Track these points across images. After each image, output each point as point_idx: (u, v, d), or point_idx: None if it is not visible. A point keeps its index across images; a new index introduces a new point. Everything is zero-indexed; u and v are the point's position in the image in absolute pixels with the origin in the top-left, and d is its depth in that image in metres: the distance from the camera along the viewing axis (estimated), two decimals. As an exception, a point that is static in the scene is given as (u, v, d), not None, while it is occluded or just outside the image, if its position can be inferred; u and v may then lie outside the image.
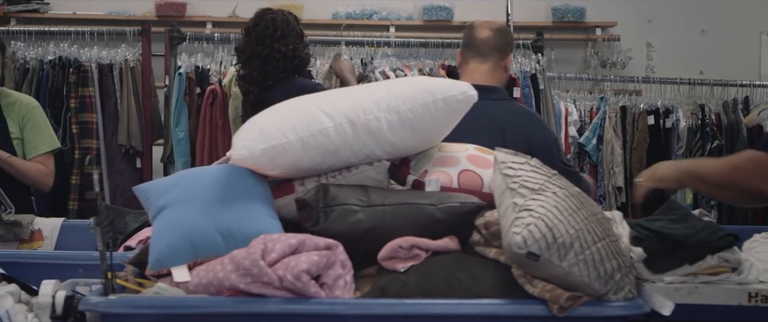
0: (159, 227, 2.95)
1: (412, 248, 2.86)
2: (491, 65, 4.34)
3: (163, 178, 3.23)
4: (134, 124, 6.72)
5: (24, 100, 5.08)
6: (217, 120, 6.62)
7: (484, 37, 4.38)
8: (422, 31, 8.52)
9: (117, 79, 6.78)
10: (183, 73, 6.69)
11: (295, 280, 2.64)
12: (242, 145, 2.97)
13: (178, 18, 8.41)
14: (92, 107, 6.71)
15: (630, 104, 7.68)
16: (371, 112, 3.03)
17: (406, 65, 7.07)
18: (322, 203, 2.94)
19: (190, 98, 6.69)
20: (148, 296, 2.77)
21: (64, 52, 6.84)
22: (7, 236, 4.53)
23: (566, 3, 9.02)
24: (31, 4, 8.61)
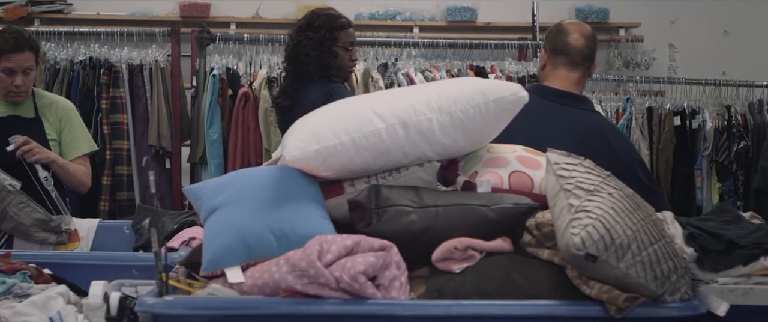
0: (212, 228, 2.94)
1: (467, 249, 2.86)
2: (581, 74, 4.25)
3: (213, 179, 3.21)
4: (164, 125, 6.72)
5: (61, 102, 5.08)
6: (249, 122, 6.63)
7: (579, 45, 4.23)
8: (446, 32, 8.52)
9: (147, 79, 6.77)
10: (217, 75, 6.69)
11: (352, 281, 2.64)
12: (295, 147, 2.97)
13: (202, 18, 8.40)
14: (123, 108, 6.72)
15: (656, 105, 7.65)
16: (423, 113, 3.03)
17: (433, 66, 7.07)
18: (374, 204, 2.94)
19: (222, 100, 6.69)
20: (205, 297, 2.77)
21: (94, 52, 6.83)
22: (49, 239, 4.54)
23: (589, 4, 9.01)
24: (55, 4, 8.61)
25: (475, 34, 8.40)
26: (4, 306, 3.01)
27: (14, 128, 4.83)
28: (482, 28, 8.75)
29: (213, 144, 6.68)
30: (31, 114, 4.91)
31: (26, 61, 4.80)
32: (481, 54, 7.51)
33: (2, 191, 4.51)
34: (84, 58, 6.81)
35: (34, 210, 4.52)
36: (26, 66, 4.81)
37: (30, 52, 4.81)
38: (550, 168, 2.88)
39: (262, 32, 7.55)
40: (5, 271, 3.18)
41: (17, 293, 3.11)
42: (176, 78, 6.86)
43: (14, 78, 4.80)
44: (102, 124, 6.75)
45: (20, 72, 4.80)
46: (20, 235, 4.57)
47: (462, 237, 2.89)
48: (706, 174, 7.63)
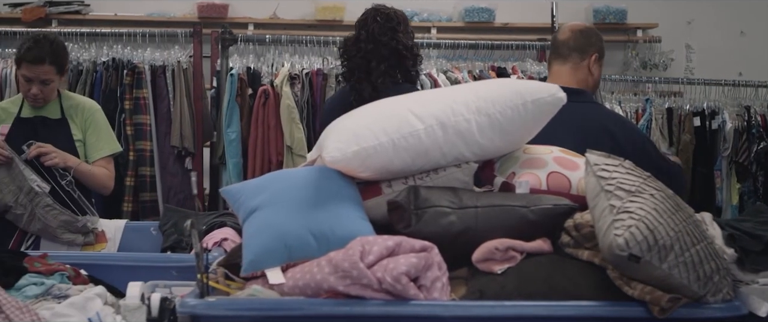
0: (251, 229, 2.94)
1: (508, 250, 2.86)
2: (572, 66, 4.30)
3: (251, 179, 3.21)
4: (187, 125, 6.73)
5: (87, 103, 5.09)
6: (269, 121, 6.63)
7: (563, 38, 4.35)
8: (463, 32, 8.50)
9: (170, 80, 6.77)
10: (235, 74, 6.70)
11: (395, 282, 2.63)
12: (335, 148, 2.96)
13: (220, 19, 8.40)
14: (146, 109, 6.73)
15: (675, 106, 7.65)
16: (461, 114, 3.04)
17: (455, 67, 7.07)
18: (413, 205, 2.94)
19: (241, 99, 6.69)
20: (247, 298, 2.76)
21: (117, 53, 6.84)
22: (76, 240, 4.55)
23: (607, 5, 8.99)
24: (73, 5, 8.61)
25: (493, 34, 8.37)
26: (44, 307, 3.02)
27: (41, 129, 4.85)
28: (500, 28, 8.73)
29: (231, 143, 6.68)
30: (58, 115, 4.93)
31: (44, 73, 4.81)
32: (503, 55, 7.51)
33: (30, 192, 4.53)
34: (107, 59, 6.81)
35: (60, 212, 4.54)
36: (44, 78, 4.82)
37: (50, 65, 4.81)
38: (590, 169, 2.87)
39: (281, 33, 7.55)
40: (43, 272, 3.18)
41: (56, 294, 3.12)
42: (198, 79, 6.87)
43: (31, 86, 4.82)
44: (125, 124, 6.76)
45: (37, 82, 4.81)
46: (48, 236, 4.59)
47: (502, 238, 2.88)
48: (725, 175, 7.63)
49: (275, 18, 8.73)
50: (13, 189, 4.60)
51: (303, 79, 6.70)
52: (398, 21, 5.02)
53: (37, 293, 3.10)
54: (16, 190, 4.60)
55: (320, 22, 8.66)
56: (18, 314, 2.93)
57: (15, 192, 4.59)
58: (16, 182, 4.61)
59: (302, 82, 6.70)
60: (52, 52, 4.81)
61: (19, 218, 4.61)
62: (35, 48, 4.78)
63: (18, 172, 4.61)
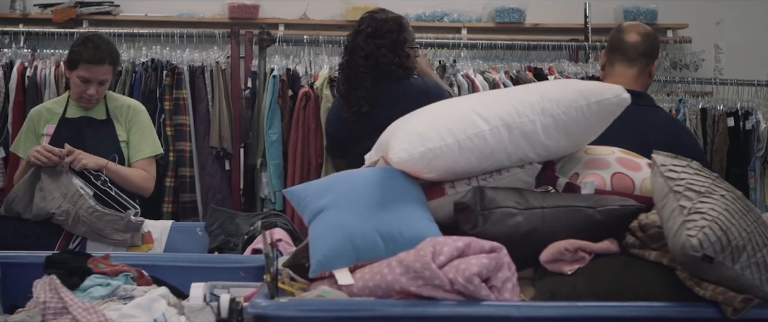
0: (319, 230, 2.94)
1: (577, 250, 2.85)
2: (638, 70, 4.34)
3: (315, 180, 3.21)
4: (225, 126, 6.75)
5: (131, 103, 5.11)
6: (309, 123, 6.64)
7: (633, 41, 4.36)
8: (494, 33, 8.47)
9: (208, 81, 6.79)
10: (277, 76, 6.71)
11: (467, 283, 2.63)
12: (401, 149, 2.97)
13: (251, 20, 8.40)
14: (185, 109, 6.74)
15: (709, 106, 7.64)
16: (526, 115, 3.04)
17: (492, 68, 7.07)
18: (479, 206, 2.94)
19: (282, 101, 6.70)
20: (319, 299, 2.76)
21: (155, 54, 6.86)
22: (125, 239, 4.55)
23: (637, 5, 8.98)
24: (103, 6, 8.61)
25: (523, 35, 8.36)
26: (110, 308, 3.04)
27: (86, 129, 4.86)
28: (530, 29, 8.72)
29: (272, 145, 6.70)
30: (103, 116, 4.95)
31: (104, 73, 4.85)
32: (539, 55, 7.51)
33: (74, 196, 4.54)
34: (146, 59, 6.82)
35: (103, 214, 4.54)
36: (102, 78, 4.84)
37: (109, 65, 4.85)
38: (657, 170, 2.86)
39: (311, 33, 7.56)
40: (108, 273, 3.19)
41: (121, 295, 3.14)
42: (236, 79, 6.88)
43: (89, 87, 4.84)
44: (165, 125, 6.79)
45: (96, 83, 4.82)
46: (94, 238, 4.59)
47: (568, 239, 2.88)
48: (759, 175, 7.62)
49: (305, 18, 8.72)
50: (57, 197, 4.61)
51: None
52: (386, 32, 5.10)
53: (103, 294, 3.12)
54: (59, 197, 4.61)
55: (350, 22, 8.60)
56: (85, 315, 2.95)
57: (59, 200, 4.60)
58: (61, 188, 4.62)
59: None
60: (110, 53, 4.85)
61: (67, 225, 4.62)
62: (95, 48, 4.80)
63: (64, 177, 4.62)
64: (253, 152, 6.88)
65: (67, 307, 3.01)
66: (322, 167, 6.65)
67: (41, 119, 4.97)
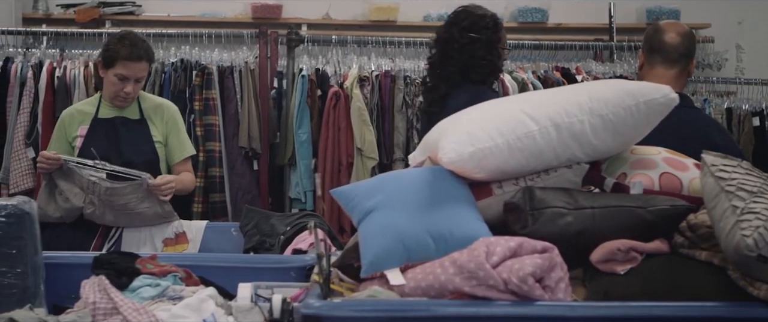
0: (369, 231, 2.95)
1: (629, 250, 2.85)
2: (678, 71, 4.32)
3: (363, 181, 3.22)
4: (254, 126, 6.76)
5: (166, 104, 5.12)
6: (339, 122, 6.65)
7: (675, 42, 4.32)
8: (516, 33, 8.45)
9: (237, 81, 6.79)
10: (306, 76, 6.72)
11: (521, 283, 2.63)
12: (451, 149, 2.97)
13: (274, 20, 8.39)
14: (215, 110, 6.75)
15: (734, 106, 7.63)
16: (574, 115, 3.04)
17: (520, 67, 7.07)
18: (528, 206, 2.95)
19: (311, 100, 6.71)
20: (374, 299, 2.76)
21: (185, 54, 6.87)
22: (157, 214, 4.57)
23: (659, 5, 8.96)
24: (126, 6, 8.62)
25: (546, 35, 8.35)
26: (160, 309, 3.04)
27: (121, 129, 4.85)
28: (553, 29, 8.71)
29: (302, 145, 6.71)
30: (137, 116, 4.95)
31: (141, 70, 4.85)
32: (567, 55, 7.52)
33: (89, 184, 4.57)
34: (175, 60, 6.83)
35: (120, 188, 4.69)
36: (139, 76, 4.85)
37: (146, 62, 4.86)
38: (707, 170, 2.86)
39: (334, 33, 7.56)
40: (156, 273, 3.20)
41: (171, 295, 3.14)
42: (264, 80, 6.90)
43: (126, 84, 4.84)
44: (195, 125, 6.80)
45: (133, 80, 4.83)
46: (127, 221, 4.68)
47: (619, 239, 2.88)
48: (784, 175, 7.58)
49: (327, 18, 8.72)
50: (78, 192, 4.64)
51: (373, 81, 6.71)
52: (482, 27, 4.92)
53: (152, 295, 3.12)
54: (80, 192, 4.63)
55: (374, 22, 8.64)
56: (135, 315, 2.96)
57: (80, 195, 4.63)
58: (78, 184, 4.64)
59: (372, 85, 6.71)
60: (146, 50, 4.87)
61: (96, 215, 4.64)
62: (133, 46, 4.81)
63: (75, 174, 4.64)
64: (281, 152, 6.88)
65: (117, 307, 3.02)
66: (352, 166, 6.66)
67: (74, 121, 4.96)
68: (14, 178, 6.68)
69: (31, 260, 3.27)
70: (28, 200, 3.37)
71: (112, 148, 4.80)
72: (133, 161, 4.79)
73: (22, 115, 6.73)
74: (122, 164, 4.76)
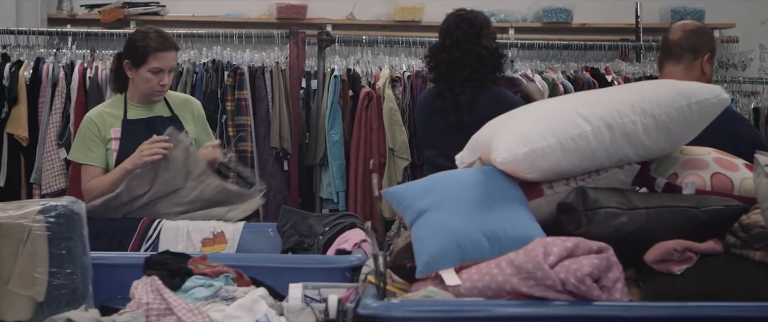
0: (423, 231, 2.95)
1: (685, 251, 2.85)
2: (685, 66, 4.35)
3: (414, 181, 3.21)
4: (285, 126, 6.75)
5: (191, 99, 5.13)
6: (372, 123, 6.66)
7: (676, 38, 4.40)
8: (541, 33, 8.48)
9: (269, 81, 6.80)
10: (338, 76, 6.72)
11: (579, 283, 2.64)
12: (505, 149, 2.98)
13: (299, 20, 8.40)
14: (247, 110, 6.74)
15: (761, 106, 7.63)
16: (627, 115, 3.04)
17: (549, 67, 7.08)
18: (582, 206, 2.95)
19: (343, 101, 6.72)
20: (432, 299, 2.76)
21: (216, 54, 6.88)
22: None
23: (684, 5, 8.96)
24: (151, 6, 8.63)
25: (571, 35, 8.36)
26: (214, 309, 3.04)
27: (161, 127, 4.85)
28: (577, 29, 8.71)
29: (335, 145, 6.72)
30: (168, 113, 4.94)
31: (172, 59, 4.86)
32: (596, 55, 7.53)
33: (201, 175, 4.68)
34: (207, 60, 6.83)
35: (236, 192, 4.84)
36: (172, 65, 4.86)
37: (175, 51, 4.88)
38: (761, 170, 2.87)
39: (358, 33, 7.57)
40: (208, 274, 3.20)
41: (224, 296, 3.13)
42: (295, 80, 6.90)
43: (161, 77, 4.82)
44: (227, 126, 6.81)
45: (167, 71, 4.83)
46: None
47: (673, 239, 2.88)
48: (812, 174, 7.58)
49: (351, 18, 8.73)
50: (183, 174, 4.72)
51: (405, 81, 6.72)
52: (481, 25, 5.16)
53: (206, 295, 3.12)
54: (185, 174, 4.72)
55: (398, 23, 8.64)
56: (190, 316, 2.96)
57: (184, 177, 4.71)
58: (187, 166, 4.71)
59: (404, 85, 6.71)
60: (172, 39, 4.90)
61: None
62: (160, 37, 4.83)
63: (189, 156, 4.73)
64: (312, 152, 6.88)
65: (170, 308, 3.02)
66: (385, 166, 6.67)
67: (106, 124, 4.91)
68: (47, 178, 6.69)
69: (81, 261, 3.27)
70: (76, 200, 3.37)
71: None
72: None
73: (55, 115, 6.73)
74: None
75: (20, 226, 3.15)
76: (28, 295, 3.15)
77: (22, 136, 6.72)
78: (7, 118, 6.79)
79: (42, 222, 3.17)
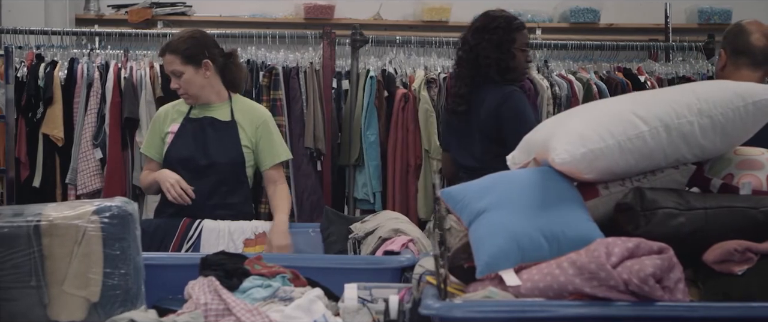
0: (482, 232, 2.95)
1: (745, 251, 2.85)
2: (762, 74, 4.32)
3: (472, 182, 3.20)
4: (319, 127, 6.74)
5: (258, 110, 5.06)
6: (408, 124, 6.66)
7: (762, 45, 4.34)
8: (568, 33, 8.48)
9: (302, 81, 6.80)
10: (374, 77, 6.73)
11: (642, 284, 2.64)
12: (564, 150, 2.98)
13: (326, 20, 8.41)
14: (282, 110, 6.74)
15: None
16: (684, 116, 3.04)
17: (582, 67, 7.08)
18: (640, 207, 2.95)
19: (378, 102, 6.72)
20: (491, 300, 2.76)
21: (251, 55, 6.89)
22: None
23: (711, 5, 8.94)
24: (178, 6, 8.65)
25: (598, 35, 8.34)
26: (272, 310, 3.06)
27: (209, 129, 4.86)
28: (604, 29, 8.71)
29: (371, 146, 6.71)
30: (228, 117, 4.92)
31: (169, 64, 4.88)
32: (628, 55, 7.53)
33: None
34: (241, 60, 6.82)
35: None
36: (171, 69, 4.87)
37: (171, 55, 4.86)
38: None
39: (384, 33, 7.57)
40: (265, 274, 3.21)
41: (281, 296, 3.14)
42: (328, 80, 6.90)
43: (172, 81, 4.88)
44: (263, 126, 6.79)
45: (173, 76, 4.86)
46: None
47: (732, 239, 2.88)
48: None
49: (378, 18, 8.74)
50: None
51: (440, 82, 6.72)
52: (493, 28, 5.14)
53: (264, 296, 3.13)
54: None
55: (425, 23, 8.65)
56: (249, 316, 2.97)
57: None
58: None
59: (439, 86, 6.72)
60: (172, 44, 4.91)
61: None
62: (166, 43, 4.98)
63: None
64: (345, 153, 6.87)
65: (229, 309, 3.03)
66: (421, 168, 6.67)
67: (167, 117, 4.99)
68: (82, 179, 6.69)
69: (134, 261, 3.26)
70: (129, 200, 3.37)
71: (198, 148, 4.81)
72: (218, 162, 4.80)
73: (90, 116, 6.73)
74: (207, 164, 4.78)
75: (75, 226, 3.14)
76: (82, 295, 3.14)
77: (57, 136, 6.72)
78: (43, 118, 6.78)
79: (96, 223, 3.16)
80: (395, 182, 6.69)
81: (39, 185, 6.77)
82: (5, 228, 3.08)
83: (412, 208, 6.63)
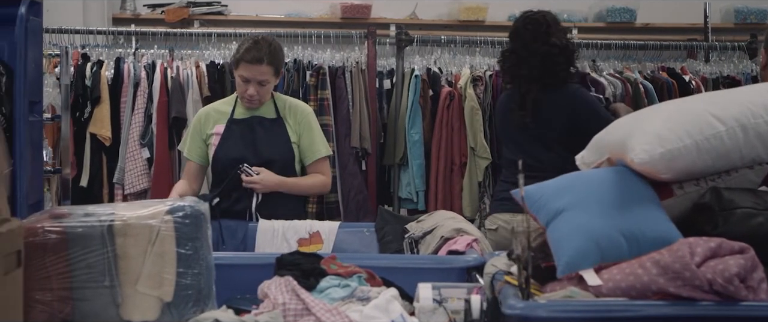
0: (561, 231, 2.96)
1: (827, 252, 2.85)
2: None
3: (549, 181, 3.20)
4: (365, 126, 6.76)
5: (300, 106, 5.11)
6: (453, 122, 6.67)
7: None
8: (604, 33, 8.46)
9: (349, 81, 6.81)
10: (419, 76, 6.74)
11: (727, 283, 2.65)
12: (642, 150, 2.98)
13: (363, 20, 8.43)
14: (329, 110, 6.76)
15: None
16: (761, 116, 3.04)
17: (627, 67, 7.09)
18: (717, 207, 2.95)
19: (423, 100, 6.73)
20: (574, 300, 2.78)
21: (297, 54, 6.91)
22: None
23: (747, 5, 8.93)
24: (214, 6, 8.68)
25: (635, 34, 8.35)
26: (351, 309, 3.06)
27: (258, 128, 4.89)
28: (641, 29, 8.71)
29: (415, 144, 6.73)
30: (273, 115, 4.98)
31: (261, 74, 4.87)
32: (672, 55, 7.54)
33: None
34: (288, 60, 6.84)
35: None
36: (261, 79, 4.87)
37: (268, 66, 4.87)
38: None
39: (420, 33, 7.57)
40: (342, 274, 3.22)
41: (359, 296, 3.14)
42: (372, 80, 6.91)
43: (248, 87, 4.88)
44: (310, 126, 6.81)
45: (254, 83, 4.86)
46: None
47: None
48: None
49: (414, 18, 8.75)
50: None
51: (486, 81, 6.73)
52: (548, 24, 5.29)
53: (343, 296, 3.13)
54: None
55: (462, 22, 8.66)
56: (328, 316, 2.98)
57: None
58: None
59: (485, 84, 6.73)
60: (269, 54, 4.86)
61: None
62: (255, 49, 4.84)
63: None
64: (390, 152, 6.89)
65: (309, 308, 3.03)
66: (465, 166, 6.68)
67: (209, 120, 5.01)
68: (130, 178, 6.72)
69: (206, 261, 3.27)
70: (199, 200, 3.38)
71: (248, 147, 4.84)
72: (271, 160, 4.83)
73: (137, 115, 6.76)
74: (259, 162, 4.80)
75: (149, 226, 3.14)
76: (155, 295, 3.14)
77: (105, 136, 6.75)
78: (90, 118, 6.80)
79: (170, 222, 3.15)
80: (438, 180, 6.71)
81: (86, 185, 6.80)
82: (79, 228, 3.08)
83: (457, 206, 6.64)
